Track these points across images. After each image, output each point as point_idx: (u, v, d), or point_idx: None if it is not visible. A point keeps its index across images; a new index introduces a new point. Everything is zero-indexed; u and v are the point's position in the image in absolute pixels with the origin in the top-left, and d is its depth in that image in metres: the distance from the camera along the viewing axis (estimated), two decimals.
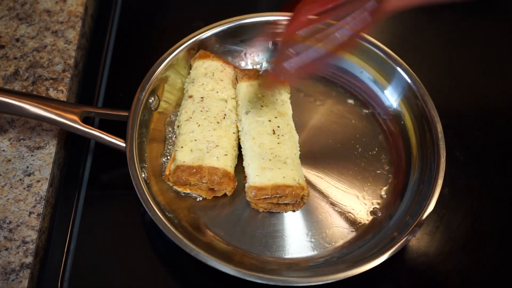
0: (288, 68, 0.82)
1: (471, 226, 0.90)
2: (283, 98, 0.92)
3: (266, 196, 0.83)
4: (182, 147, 0.86)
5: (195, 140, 0.86)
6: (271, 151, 0.86)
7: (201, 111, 0.89)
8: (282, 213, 0.87)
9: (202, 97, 0.90)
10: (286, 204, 0.86)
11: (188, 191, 0.87)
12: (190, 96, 0.91)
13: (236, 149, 0.89)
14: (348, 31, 0.82)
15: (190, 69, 0.96)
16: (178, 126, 0.90)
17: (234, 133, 0.89)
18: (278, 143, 0.87)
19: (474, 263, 0.87)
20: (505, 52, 1.11)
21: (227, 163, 0.86)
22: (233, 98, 0.92)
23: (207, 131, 0.87)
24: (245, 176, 0.87)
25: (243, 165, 0.87)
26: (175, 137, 0.91)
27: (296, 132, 0.90)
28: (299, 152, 0.88)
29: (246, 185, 0.85)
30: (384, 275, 0.85)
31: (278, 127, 0.88)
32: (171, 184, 0.86)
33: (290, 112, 0.92)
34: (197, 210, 0.87)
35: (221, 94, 0.92)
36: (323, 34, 0.82)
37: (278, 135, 0.88)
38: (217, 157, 0.85)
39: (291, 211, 0.87)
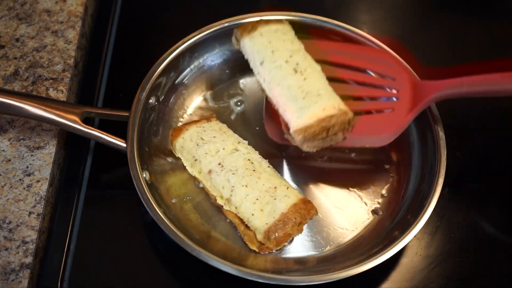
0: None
1: (471, 226, 0.90)
2: (289, 36, 0.89)
3: (315, 134, 0.80)
4: (252, 214, 0.81)
5: (256, 199, 0.82)
6: (300, 89, 0.82)
7: (233, 174, 0.84)
8: None
9: (219, 163, 0.85)
10: (335, 134, 0.83)
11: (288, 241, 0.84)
12: (210, 172, 0.85)
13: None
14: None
15: (173, 154, 0.90)
16: (226, 203, 0.84)
17: (268, 166, 0.86)
18: (304, 79, 0.84)
19: (474, 263, 0.87)
20: (505, 52, 1.11)
21: (295, 192, 0.84)
22: (239, 142, 0.88)
23: (256, 184, 0.83)
24: None
25: (280, 112, 0.84)
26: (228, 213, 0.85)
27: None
28: (326, 80, 0.86)
29: (291, 131, 0.82)
30: (384, 275, 0.85)
31: (297, 64, 0.85)
32: (275, 249, 0.82)
33: (301, 46, 0.89)
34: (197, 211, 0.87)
35: (228, 147, 0.87)
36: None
37: (301, 71, 0.84)
38: (285, 195, 0.82)
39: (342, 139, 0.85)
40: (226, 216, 0.85)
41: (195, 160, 0.86)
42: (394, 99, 0.89)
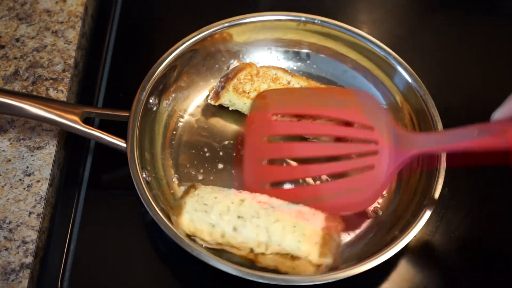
0: None
1: (471, 226, 0.90)
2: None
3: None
4: (299, 241, 0.76)
5: (294, 227, 0.78)
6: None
7: (258, 218, 0.79)
8: None
9: (238, 216, 0.80)
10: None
11: None
12: (235, 228, 0.79)
13: None
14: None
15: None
16: (267, 248, 0.78)
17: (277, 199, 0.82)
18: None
19: (474, 263, 0.87)
20: (506, 52, 1.11)
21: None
22: (240, 192, 0.83)
23: (284, 216, 0.79)
24: None
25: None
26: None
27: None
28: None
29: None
30: (384, 275, 0.85)
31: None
32: (331, 263, 0.78)
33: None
34: None
35: (235, 200, 0.82)
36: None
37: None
38: (313, 213, 0.79)
39: None
40: (263, 265, 0.80)
41: (213, 226, 0.80)
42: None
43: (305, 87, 0.94)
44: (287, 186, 0.88)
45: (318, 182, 0.88)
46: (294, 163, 0.89)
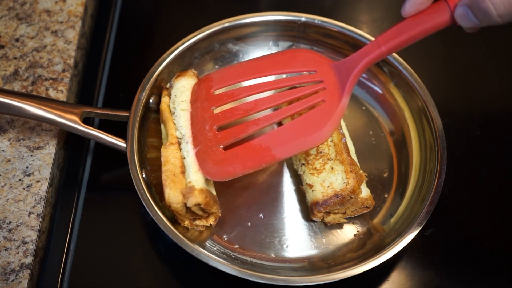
0: None
1: (471, 226, 0.90)
2: None
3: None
4: None
5: None
6: None
7: None
8: (283, 213, 0.88)
9: None
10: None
11: None
12: None
13: None
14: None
15: None
16: None
17: None
18: None
19: (474, 262, 0.87)
20: (506, 52, 1.11)
21: None
22: None
23: None
24: None
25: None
26: None
27: None
28: None
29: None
30: (384, 275, 0.85)
31: None
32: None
33: None
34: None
35: None
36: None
37: None
38: None
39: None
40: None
41: None
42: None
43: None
44: None
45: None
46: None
